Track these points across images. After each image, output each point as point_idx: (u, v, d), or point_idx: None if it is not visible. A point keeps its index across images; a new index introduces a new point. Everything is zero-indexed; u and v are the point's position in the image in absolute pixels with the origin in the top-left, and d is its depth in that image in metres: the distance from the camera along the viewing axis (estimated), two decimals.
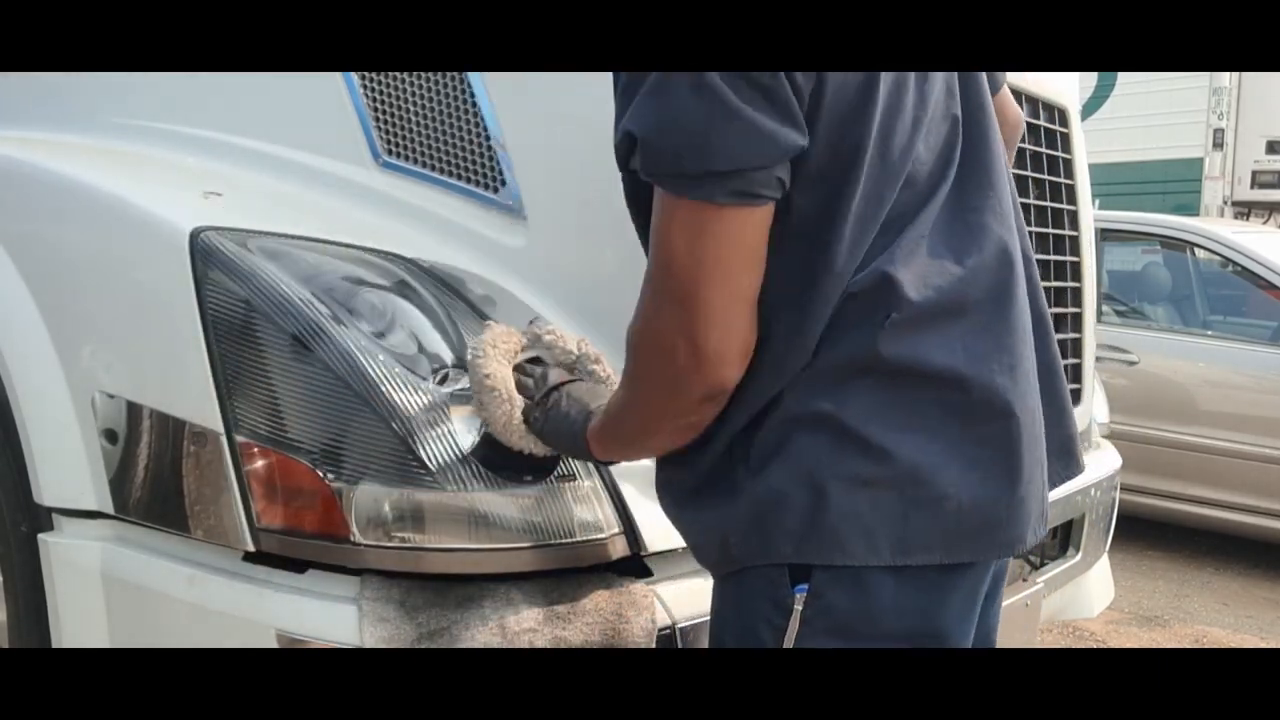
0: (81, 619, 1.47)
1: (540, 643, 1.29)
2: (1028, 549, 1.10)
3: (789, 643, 1.03)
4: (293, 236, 1.50)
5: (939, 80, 1.09)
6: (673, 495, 1.17)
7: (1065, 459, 1.21)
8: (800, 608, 1.03)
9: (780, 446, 1.05)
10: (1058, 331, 1.34)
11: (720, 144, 0.95)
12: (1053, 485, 1.18)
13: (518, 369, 1.33)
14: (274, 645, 1.31)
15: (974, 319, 1.06)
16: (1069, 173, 2.24)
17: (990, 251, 1.08)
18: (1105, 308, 4.72)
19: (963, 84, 1.13)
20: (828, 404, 1.03)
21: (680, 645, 1.39)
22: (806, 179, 1.00)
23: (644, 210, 1.07)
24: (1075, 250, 2.28)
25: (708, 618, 1.42)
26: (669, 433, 1.11)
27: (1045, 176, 2.16)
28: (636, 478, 1.43)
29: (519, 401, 1.30)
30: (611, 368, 1.36)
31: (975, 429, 1.04)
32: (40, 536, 1.50)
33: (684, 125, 0.96)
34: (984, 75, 1.17)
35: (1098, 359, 2.69)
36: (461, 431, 1.34)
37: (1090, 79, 9.03)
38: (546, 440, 1.29)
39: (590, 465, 1.39)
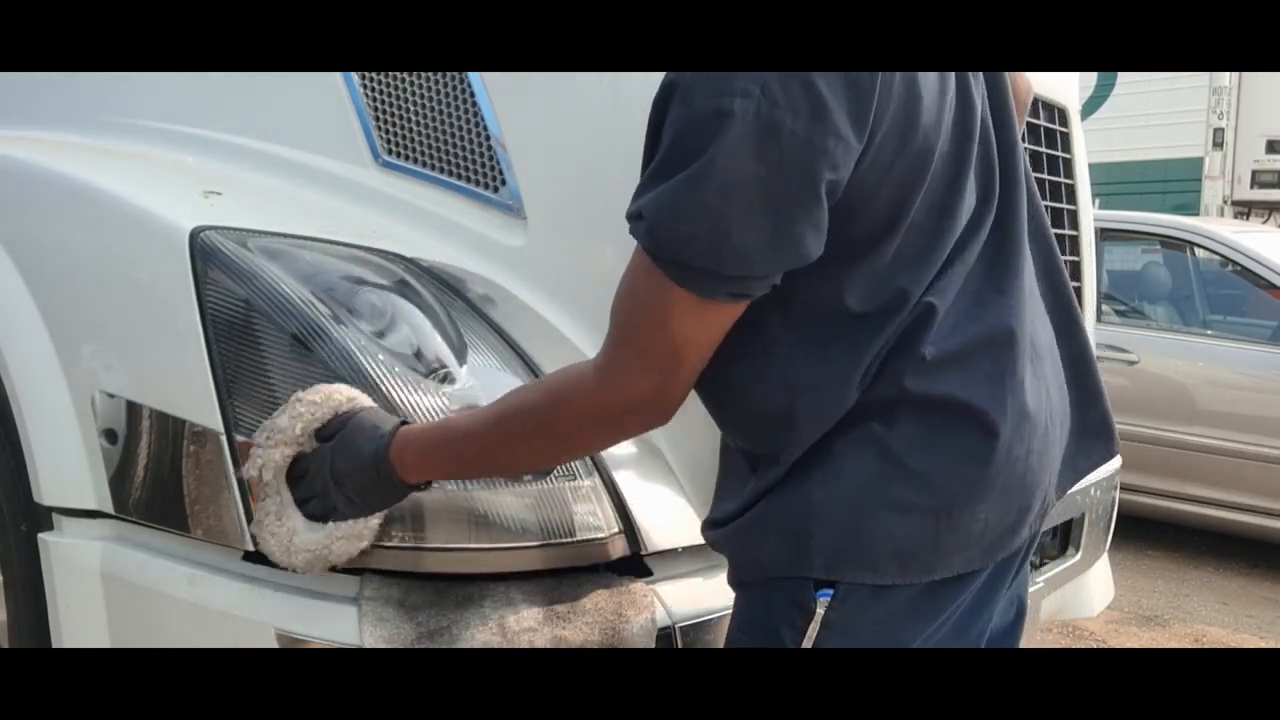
0: (81, 619, 1.47)
1: (540, 642, 1.29)
2: (1024, 542, 1.14)
3: (808, 644, 1.04)
4: (293, 236, 1.50)
5: (976, 107, 1.09)
6: (723, 517, 1.17)
7: (1104, 440, 1.24)
8: (822, 612, 1.04)
9: (826, 461, 1.06)
10: None
11: (740, 248, 0.94)
12: (1093, 468, 1.24)
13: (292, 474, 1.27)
14: (274, 645, 1.31)
15: (997, 349, 1.07)
16: (1069, 172, 2.24)
17: (1021, 283, 1.10)
18: (1105, 307, 4.72)
19: (993, 99, 1.13)
20: (878, 425, 1.04)
21: (680, 645, 1.39)
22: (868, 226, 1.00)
23: None
24: (1075, 250, 2.28)
25: (708, 617, 1.43)
26: (546, 459, 1.19)
27: (1045, 176, 2.16)
28: (637, 477, 1.43)
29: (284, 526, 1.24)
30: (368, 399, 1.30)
31: (1000, 452, 1.05)
32: (40, 536, 1.50)
33: (707, 222, 0.94)
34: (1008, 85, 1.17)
35: (1098, 359, 2.69)
36: None
37: (1090, 79, 9.03)
38: (354, 500, 1.22)
39: (590, 464, 1.39)
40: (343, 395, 1.27)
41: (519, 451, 1.16)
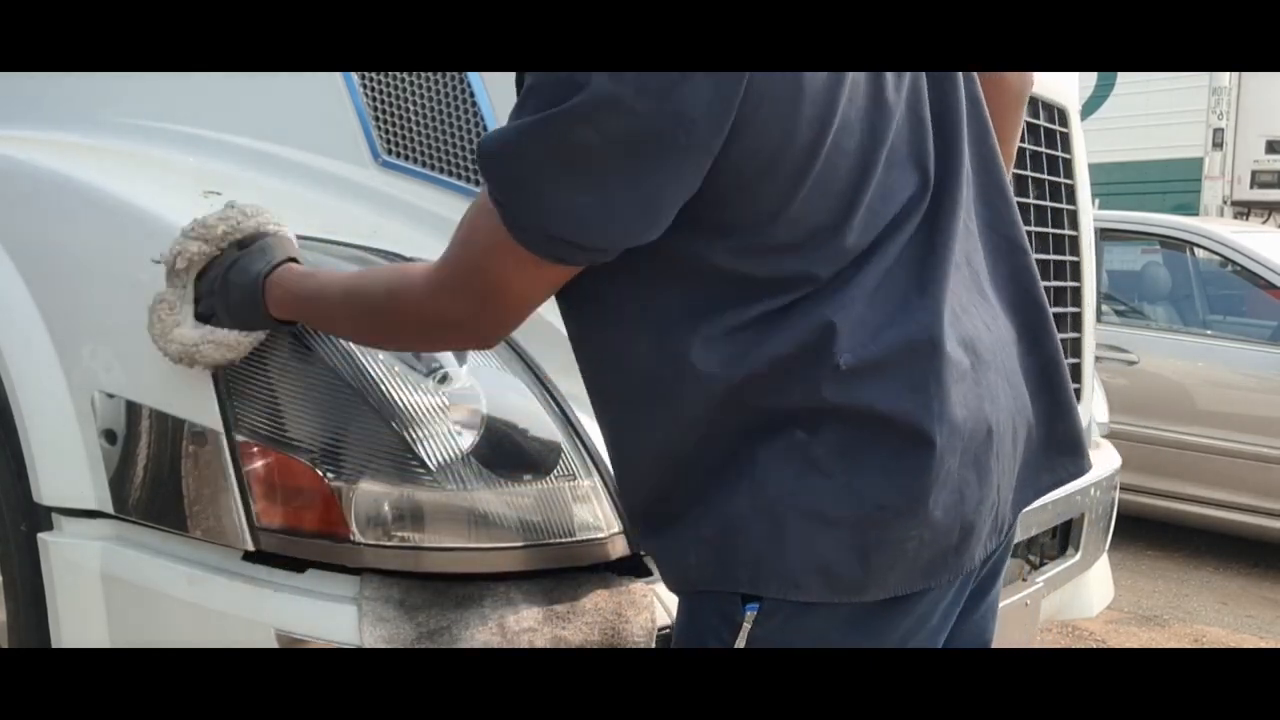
0: (81, 619, 1.47)
1: (540, 642, 1.29)
2: (971, 568, 1.07)
3: None
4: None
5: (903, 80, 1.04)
6: (647, 523, 1.13)
7: (1071, 455, 1.17)
8: (749, 626, 1.00)
9: (749, 469, 1.01)
10: (1058, 331, 1.34)
11: (559, 209, 0.93)
12: (1058, 484, 1.16)
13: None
14: (274, 645, 1.31)
15: (919, 357, 1.00)
16: (1069, 173, 2.24)
17: (945, 285, 1.03)
18: (1105, 308, 4.72)
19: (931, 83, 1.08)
20: (801, 434, 0.99)
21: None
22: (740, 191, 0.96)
23: None
24: (1075, 250, 2.28)
25: None
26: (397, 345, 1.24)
27: (1045, 176, 2.16)
28: None
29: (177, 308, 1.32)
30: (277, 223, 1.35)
31: (933, 467, 0.98)
32: (40, 536, 1.50)
33: (529, 174, 0.93)
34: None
35: (1097, 359, 2.69)
36: (461, 431, 1.34)
37: (1090, 79, 9.03)
38: (231, 310, 1.29)
39: (590, 464, 1.39)
40: (272, 218, 1.33)
41: (359, 329, 1.21)
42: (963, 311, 1.05)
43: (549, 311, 1.57)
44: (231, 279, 1.29)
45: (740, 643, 1.01)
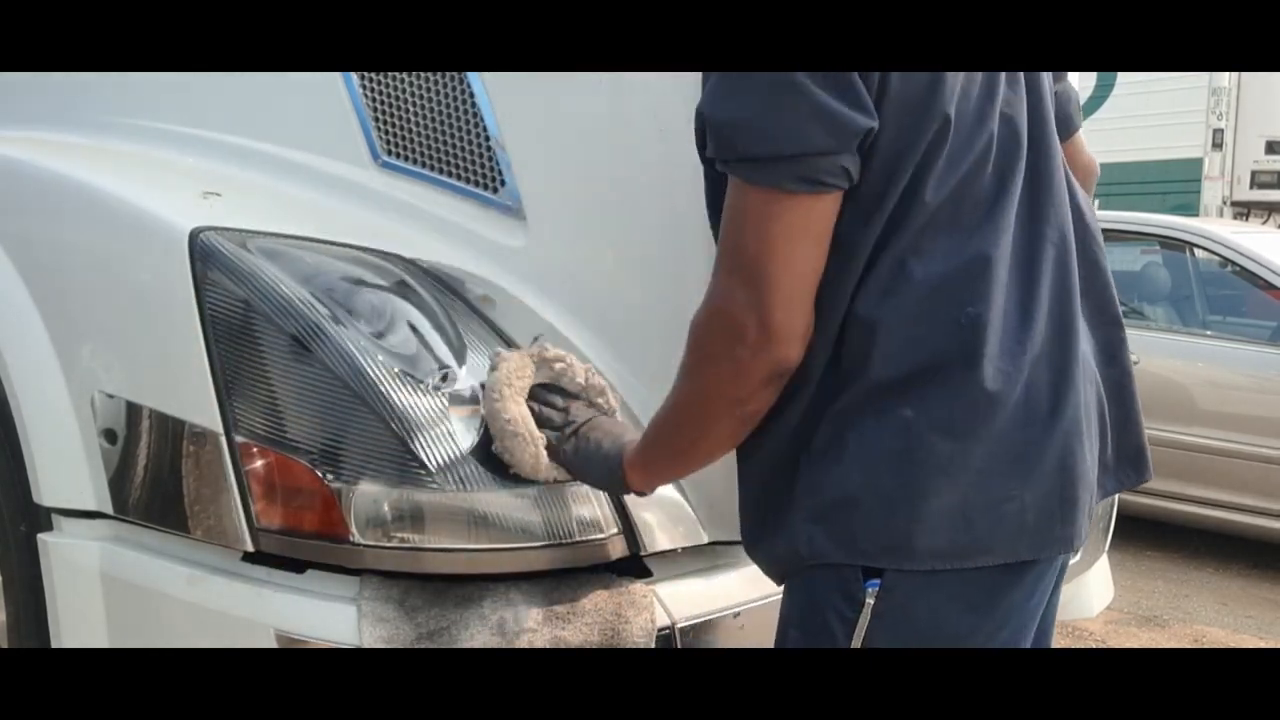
0: (81, 619, 1.47)
1: (539, 643, 1.29)
2: (1079, 545, 1.13)
3: (859, 635, 1.05)
4: (292, 236, 1.50)
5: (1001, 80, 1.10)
6: (755, 513, 1.18)
7: (1135, 466, 1.24)
8: (873, 602, 1.05)
9: (856, 445, 1.07)
10: None
11: (788, 126, 0.99)
12: (1120, 489, 1.23)
13: (534, 398, 1.35)
14: (273, 645, 1.31)
15: (1015, 313, 1.08)
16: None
17: (1045, 286, 1.11)
18: None
19: (1029, 92, 1.14)
20: (908, 409, 1.05)
21: (679, 645, 1.39)
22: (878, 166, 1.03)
23: (719, 213, 1.10)
24: None
25: (707, 618, 1.43)
26: (727, 426, 1.12)
27: None
28: None
29: (542, 439, 1.31)
30: (616, 400, 1.38)
31: (1031, 431, 1.07)
32: (40, 537, 1.50)
33: (753, 106, 0.99)
34: (1047, 91, 1.18)
35: None
36: (461, 432, 1.34)
37: (1090, 79, 9.03)
38: (574, 473, 1.31)
39: None
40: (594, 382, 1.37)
41: (693, 438, 1.16)
42: (1074, 316, 1.13)
43: (549, 311, 1.57)
44: (582, 452, 1.29)
45: (865, 618, 1.05)
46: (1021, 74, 1.12)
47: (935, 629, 1.06)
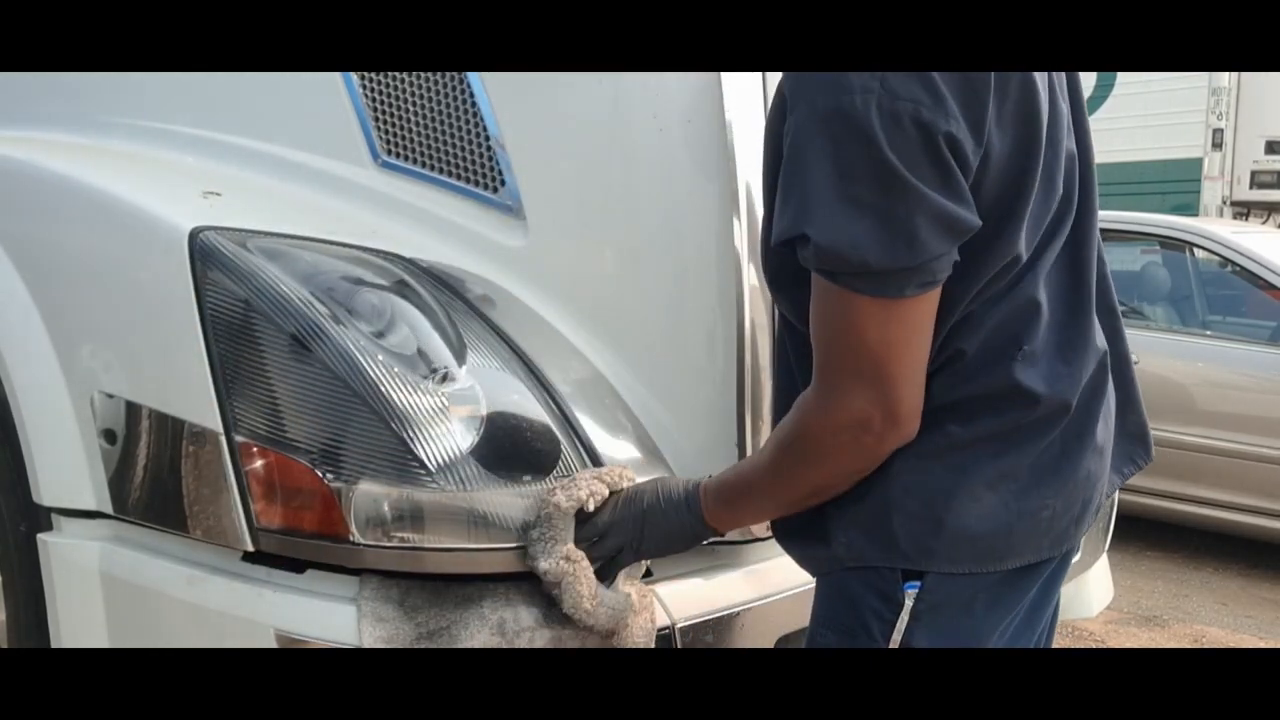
0: (81, 619, 1.47)
1: (539, 643, 1.29)
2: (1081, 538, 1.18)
3: (898, 636, 1.07)
4: (292, 236, 1.50)
5: (1064, 119, 1.12)
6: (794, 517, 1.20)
7: (1142, 443, 1.28)
8: (911, 604, 1.07)
9: (902, 451, 1.09)
10: None
11: (909, 237, 0.96)
12: (1135, 471, 1.27)
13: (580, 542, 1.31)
14: (273, 645, 1.31)
15: (1073, 350, 1.12)
16: None
17: (1091, 286, 1.16)
18: None
19: (1075, 119, 1.16)
20: (955, 424, 1.08)
21: (680, 645, 1.39)
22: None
23: (787, 286, 1.11)
24: None
25: (708, 617, 1.43)
26: (839, 489, 1.14)
27: None
28: (637, 478, 1.42)
29: (591, 577, 1.28)
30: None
31: (1069, 447, 1.11)
32: (39, 536, 1.50)
33: (868, 220, 0.95)
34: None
35: None
36: (461, 431, 1.34)
37: (1090, 79, 9.02)
38: (647, 542, 1.29)
39: (589, 464, 1.39)
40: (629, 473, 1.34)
41: (795, 488, 1.16)
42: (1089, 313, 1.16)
43: (549, 311, 1.57)
44: (651, 511, 1.27)
45: (904, 619, 1.07)
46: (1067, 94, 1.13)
47: (970, 629, 1.09)
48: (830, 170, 0.95)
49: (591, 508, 1.29)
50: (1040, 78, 1.05)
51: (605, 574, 1.30)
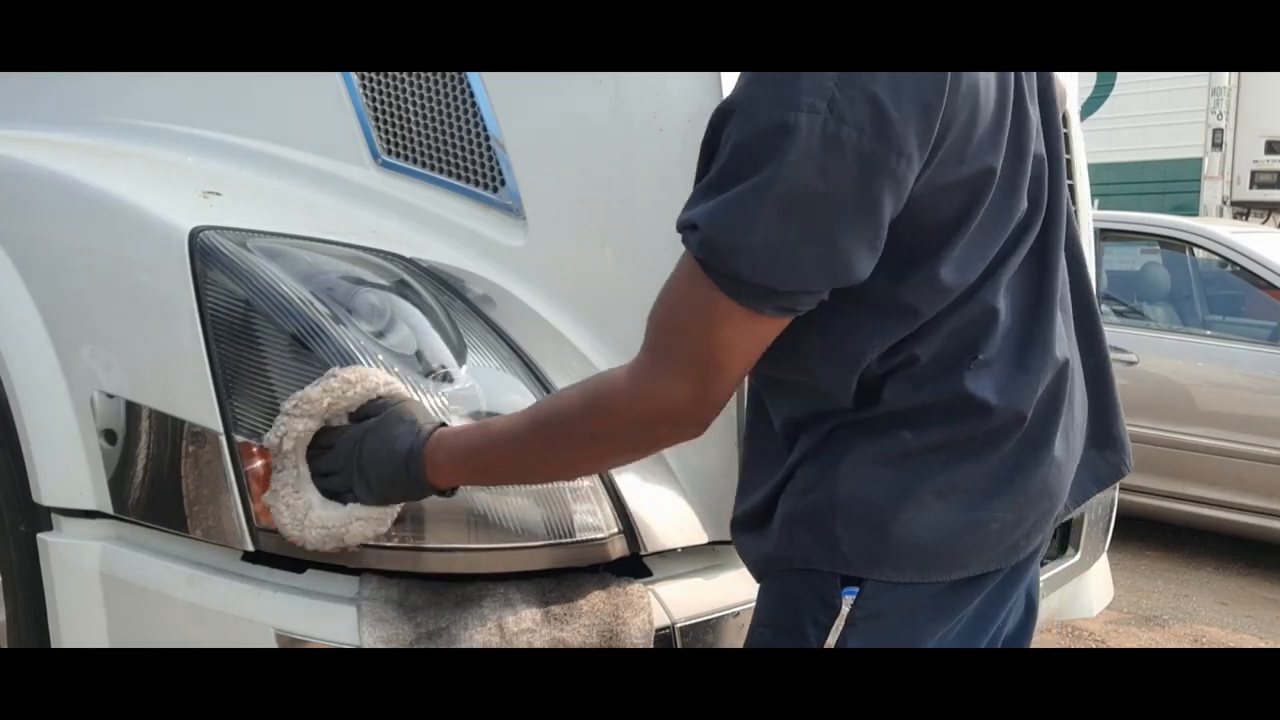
0: (81, 619, 1.47)
1: (538, 643, 1.29)
2: (1036, 545, 1.15)
3: (832, 640, 1.06)
4: (292, 236, 1.50)
5: (1033, 122, 1.09)
6: (748, 510, 1.18)
7: (1119, 451, 1.25)
8: (847, 610, 1.05)
9: (852, 455, 1.07)
10: None
11: (792, 265, 0.93)
12: (1114, 477, 1.23)
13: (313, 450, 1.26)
14: (273, 645, 1.31)
15: (1032, 359, 1.08)
16: (1068, 173, 2.24)
17: (1055, 294, 1.11)
18: (1105, 308, 4.72)
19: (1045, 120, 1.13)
20: (907, 431, 1.05)
21: (679, 645, 1.39)
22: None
23: None
24: None
25: (707, 618, 1.43)
26: (595, 469, 1.14)
27: None
28: (637, 478, 1.43)
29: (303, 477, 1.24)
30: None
31: (1023, 459, 1.08)
32: (39, 536, 1.50)
33: (770, 236, 0.92)
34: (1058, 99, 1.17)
35: None
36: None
37: (1090, 79, 9.04)
38: (374, 488, 1.23)
39: None
40: (379, 379, 1.27)
41: (551, 457, 1.15)
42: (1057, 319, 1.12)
43: (549, 311, 1.57)
44: (370, 456, 1.22)
45: (838, 624, 1.05)
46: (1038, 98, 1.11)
47: (907, 637, 1.06)
48: (753, 178, 0.91)
49: (289, 446, 1.24)
50: (1012, 86, 1.03)
51: (331, 490, 1.25)
